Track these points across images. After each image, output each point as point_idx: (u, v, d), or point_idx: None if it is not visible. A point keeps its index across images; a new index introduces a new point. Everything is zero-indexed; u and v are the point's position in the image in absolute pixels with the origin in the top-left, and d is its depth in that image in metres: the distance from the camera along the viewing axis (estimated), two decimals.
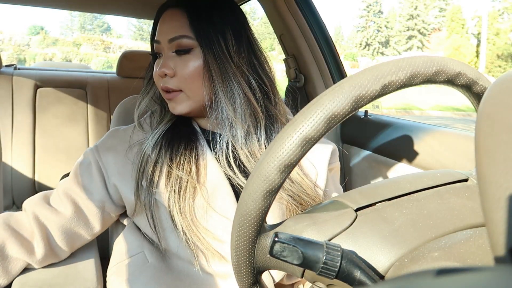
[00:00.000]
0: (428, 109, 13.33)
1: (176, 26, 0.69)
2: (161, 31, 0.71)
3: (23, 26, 51.44)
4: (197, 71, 0.69)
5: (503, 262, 0.21)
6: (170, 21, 0.71)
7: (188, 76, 0.69)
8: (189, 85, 0.70)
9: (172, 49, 0.70)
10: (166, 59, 0.70)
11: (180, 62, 0.69)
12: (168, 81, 0.70)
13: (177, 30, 0.69)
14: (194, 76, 0.69)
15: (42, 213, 0.67)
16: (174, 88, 0.70)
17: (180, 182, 0.67)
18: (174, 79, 0.70)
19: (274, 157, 0.34)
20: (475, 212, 0.38)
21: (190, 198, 0.66)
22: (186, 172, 0.67)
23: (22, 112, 1.59)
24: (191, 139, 0.72)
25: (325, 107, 0.33)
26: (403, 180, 0.42)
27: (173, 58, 0.70)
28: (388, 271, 0.35)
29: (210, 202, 0.67)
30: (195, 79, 0.69)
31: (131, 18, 17.11)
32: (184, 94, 0.70)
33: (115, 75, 1.84)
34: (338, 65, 1.38)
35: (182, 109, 0.71)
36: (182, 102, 0.71)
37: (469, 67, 0.37)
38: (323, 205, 0.41)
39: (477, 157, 0.24)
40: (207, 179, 0.69)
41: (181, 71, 0.69)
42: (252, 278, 0.40)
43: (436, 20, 33.57)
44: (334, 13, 66.78)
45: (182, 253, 0.67)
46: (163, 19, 0.72)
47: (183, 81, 0.69)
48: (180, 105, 0.71)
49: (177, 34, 0.69)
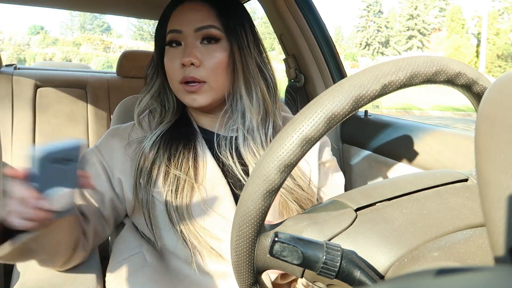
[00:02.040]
0: (428, 109, 13.33)
1: (204, 16, 0.70)
2: (184, 20, 0.70)
3: (23, 26, 51.41)
4: (223, 62, 0.70)
5: (503, 262, 0.21)
6: (195, 11, 0.71)
7: (214, 66, 0.69)
8: (214, 76, 0.70)
9: (198, 39, 0.70)
10: (190, 48, 0.69)
11: (206, 52, 0.69)
12: (193, 71, 0.69)
13: (205, 19, 0.70)
14: (220, 67, 0.70)
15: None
16: (200, 79, 0.69)
17: (178, 181, 0.67)
18: (199, 69, 0.69)
19: (274, 157, 0.34)
20: (475, 212, 0.38)
21: (188, 197, 0.66)
22: (184, 171, 0.67)
23: (22, 112, 1.59)
24: (189, 139, 0.72)
25: (325, 107, 0.33)
26: (403, 180, 0.42)
27: (198, 48, 0.70)
28: (388, 271, 0.35)
29: (208, 201, 0.67)
30: (220, 70, 0.70)
31: (131, 18, 17.13)
32: (208, 85, 0.70)
33: (115, 75, 1.84)
34: (338, 65, 1.38)
35: (204, 101, 0.71)
36: (205, 94, 0.70)
37: (469, 67, 0.37)
38: (323, 205, 0.41)
39: (477, 157, 0.24)
40: (206, 178, 0.69)
41: (207, 61, 0.69)
42: (252, 278, 0.40)
43: (436, 20, 33.57)
44: (334, 13, 66.80)
45: (180, 253, 0.67)
46: (184, 9, 0.71)
47: (209, 71, 0.69)
48: (203, 96, 0.70)
49: (205, 24, 0.69)
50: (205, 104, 0.71)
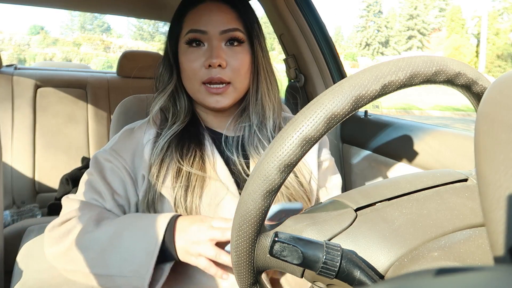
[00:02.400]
0: (427, 109, 13.33)
1: (229, 19, 0.71)
2: (209, 22, 0.71)
3: (23, 26, 51.48)
4: (246, 64, 0.72)
5: (502, 261, 0.21)
6: (219, 12, 0.71)
7: (239, 68, 0.71)
8: (238, 77, 0.71)
9: (223, 40, 0.71)
10: (217, 50, 0.70)
11: (231, 53, 0.71)
12: (220, 72, 0.69)
13: (230, 22, 0.71)
14: (244, 68, 0.71)
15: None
16: (227, 80, 0.70)
17: (189, 179, 0.67)
18: (225, 71, 0.70)
19: (274, 157, 0.34)
20: (474, 212, 0.38)
21: (197, 196, 0.66)
22: (196, 168, 0.68)
23: (22, 112, 1.59)
24: (199, 139, 0.73)
25: (325, 107, 0.33)
26: (403, 180, 0.43)
27: (224, 50, 0.71)
28: (388, 270, 0.35)
29: (217, 200, 0.67)
30: (244, 71, 0.72)
31: (131, 18, 17.06)
32: (232, 86, 0.71)
33: (115, 75, 1.84)
34: (338, 65, 1.38)
35: (228, 102, 0.72)
36: (229, 95, 0.72)
37: (469, 67, 0.37)
38: (323, 205, 0.42)
39: (477, 157, 0.24)
40: (214, 178, 0.69)
41: (233, 62, 0.70)
42: (252, 277, 0.40)
43: (436, 20, 33.56)
44: (334, 13, 66.79)
45: None
46: (207, 9, 0.71)
47: (234, 72, 0.70)
48: (227, 98, 0.71)
49: (231, 27, 0.70)
50: (227, 106, 0.72)
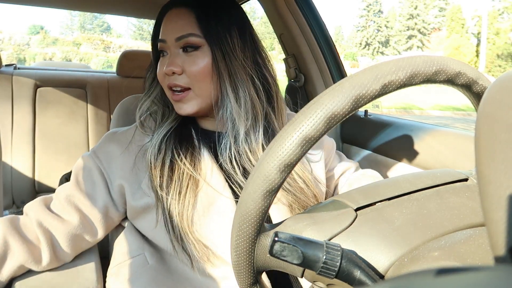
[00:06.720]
0: (428, 109, 13.33)
1: (184, 25, 0.69)
2: (166, 30, 0.71)
3: (23, 26, 51.43)
4: (206, 69, 0.69)
5: (503, 261, 0.21)
6: (176, 20, 0.70)
7: (197, 73, 0.69)
8: (198, 83, 0.69)
9: (180, 47, 0.70)
10: (173, 57, 0.70)
11: (188, 59, 0.69)
12: (176, 78, 0.69)
13: (184, 28, 0.69)
14: (203, 73, 0.69)
15: (47, 220, 0.66)
16: (183, 85, 0.69)
17: (182, 184, 0.66)
18: (182, 77, 0.69)
19: (274, 157, 0.34)
20: (475, 211, 0.38)
21: (191, 199, 0.66)
22: (187, 173, 0.67)
23: (22, 111, 1.59)
24: (193, 141, 0.72)
25: (325, 106, 0.33)
26: (403, 179, 0.42)
27: (181, 56, 0.70)
28: (388, 270, 0.35)
29: (210, 203, 0.67)
30: (204, 77, 0.69)
31: (131, 17, 17.04)
32: (193, 92, 0.70)
33: (115, 75, 1.84)
34: (338, 64, 1.38)
35: (191, 109, 0.71)
36: (190, 101, 0.70)
37: (469, 66, 0.37)
38: (323, 205, 0.41)
39: (477, 157, 0.24)
40: (208, 180, 0.69)
41: (189, 68, 0.69)
42: (252, 278, 0.40)
43: (436, 19, 33.55)
44: (334, 13, 66.74)
45: (182, 255, 0.67)
46: (168, 18, 0.72)
47: (192, 78, 0.69)
48: (188, 105, 0.71)
49: (184, 32, 0.69)
50: (192, 112, 0.71)
